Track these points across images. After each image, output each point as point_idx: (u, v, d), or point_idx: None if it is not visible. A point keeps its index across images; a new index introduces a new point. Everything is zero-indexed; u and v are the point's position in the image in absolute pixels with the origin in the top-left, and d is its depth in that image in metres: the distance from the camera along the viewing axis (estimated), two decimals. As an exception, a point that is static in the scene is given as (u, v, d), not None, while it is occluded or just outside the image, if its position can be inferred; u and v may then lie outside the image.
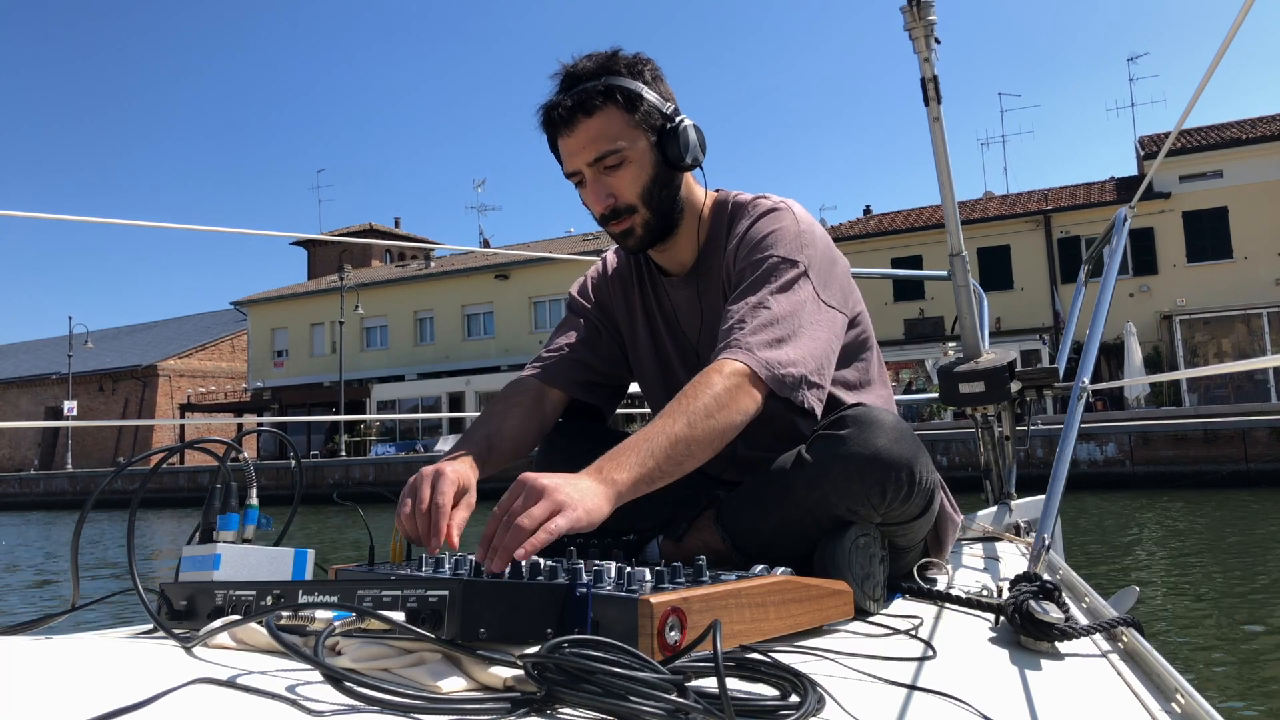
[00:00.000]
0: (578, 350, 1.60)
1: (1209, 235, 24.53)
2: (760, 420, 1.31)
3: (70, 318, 39.07)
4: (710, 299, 1.53)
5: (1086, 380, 1.85)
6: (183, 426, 34.83)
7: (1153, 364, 22.56)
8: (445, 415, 4.72)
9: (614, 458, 1.15)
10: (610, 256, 1.70)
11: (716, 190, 1.58)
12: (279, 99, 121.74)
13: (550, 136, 1.45)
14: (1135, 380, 3.60)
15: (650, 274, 1.62)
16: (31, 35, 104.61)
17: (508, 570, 1.00)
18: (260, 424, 20.11)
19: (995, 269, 26.01)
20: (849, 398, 1.47)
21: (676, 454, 1.18)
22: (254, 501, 1.19)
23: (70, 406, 36.00)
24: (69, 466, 36.07)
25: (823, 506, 1.26)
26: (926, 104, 1.80)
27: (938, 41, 1.69)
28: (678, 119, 1.44)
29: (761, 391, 1.28)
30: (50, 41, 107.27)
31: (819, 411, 1.33)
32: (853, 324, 1.49)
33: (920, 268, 21.83)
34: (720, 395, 1.23)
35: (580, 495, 1.08)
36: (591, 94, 1.39)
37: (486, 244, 39.03)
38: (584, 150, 1.41)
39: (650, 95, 1.42)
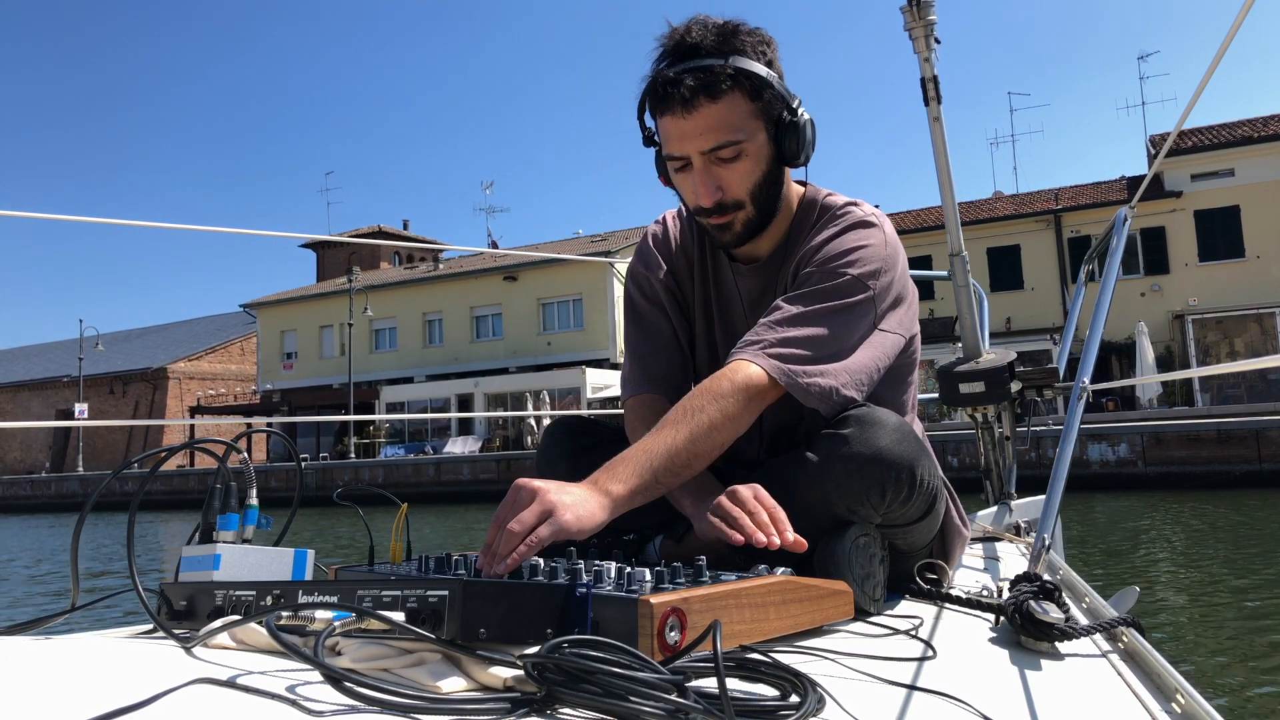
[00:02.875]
0: (674, 353, 1.53)
1: (1221, 234, 24.42)
2: (783, 428, 1.27)
3: (81, 320, 39.16)
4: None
5: (1087, 380, 1.85)
6: (192, 428, 34.96)
7: (1165, 364, 22.43)
8: (454, 415, 4.75)
9: (611, 469, 1.15)
10: (670, 221, 1.59)
11: (805, 184, 1.49)
12: (287, 102, 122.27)
13: (654, 109, 1.33)
14: (1134, 380, 3.59)
15: (714, 254, 1.54)
16: (41, 37, 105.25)
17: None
18: (269, 424, 20.15)
19: (1005, 269, 25.96)
20: None
21: (675, 465, 1.18)
22: (254, 501, 1.19)
23: (81, 409, 36.12)
24: (79, 469, 36.22)
25: (823, 506, 1.25)
26: (926, 104, 1.79)
27: (938, 41, 1.69)
28: (799, 112, 1.35)
29: (775, 398, 1.27)
30: (60, 44, 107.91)
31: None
32: (905, 347, 1.44)
33: (929, 267, 21.66)
34: (727, 408, 1.21)
35: (573, 501, 1.07)
36: (719, 76, 1.27)
37: (495, 245, 39.11)
38: (700, 137, 1.30)
39: (776, 83, 1.32)
